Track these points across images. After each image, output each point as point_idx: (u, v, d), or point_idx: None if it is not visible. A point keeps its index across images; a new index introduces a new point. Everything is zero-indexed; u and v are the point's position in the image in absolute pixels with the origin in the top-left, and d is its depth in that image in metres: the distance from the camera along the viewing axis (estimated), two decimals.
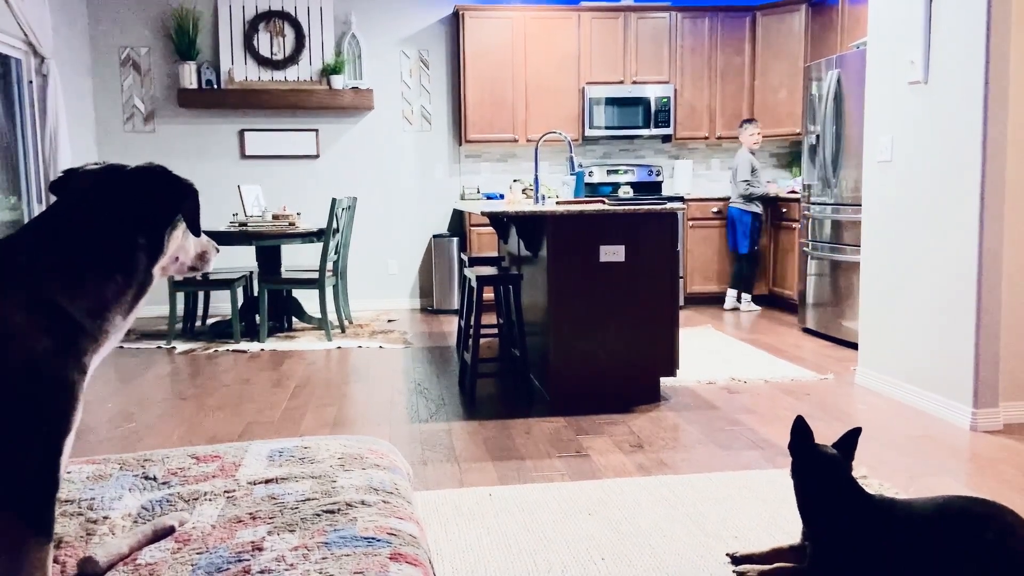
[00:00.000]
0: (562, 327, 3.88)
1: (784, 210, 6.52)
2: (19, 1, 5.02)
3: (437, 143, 7.07)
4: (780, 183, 7.22)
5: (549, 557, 2.28)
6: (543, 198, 4.85)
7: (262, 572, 1.20)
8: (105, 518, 1.44)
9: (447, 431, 3.56)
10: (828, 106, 5.36)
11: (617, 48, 6.88)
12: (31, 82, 5.52)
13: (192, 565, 1.25)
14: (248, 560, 1.25)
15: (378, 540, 1.32)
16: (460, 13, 6.70)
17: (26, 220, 5.63)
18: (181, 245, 1.32)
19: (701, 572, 2.17)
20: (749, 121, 6.48)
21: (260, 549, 1.29)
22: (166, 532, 1.38)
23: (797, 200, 6.23)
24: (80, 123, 6.32)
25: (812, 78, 5.61)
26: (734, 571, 2.15)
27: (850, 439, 2.03)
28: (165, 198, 1.27)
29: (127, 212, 1.22)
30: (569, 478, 2.94)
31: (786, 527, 2.42)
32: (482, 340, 4.60)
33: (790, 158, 7.41)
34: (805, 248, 5.70)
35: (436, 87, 7.02)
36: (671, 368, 4.02)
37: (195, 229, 1.31)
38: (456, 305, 6.74)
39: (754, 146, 6.48)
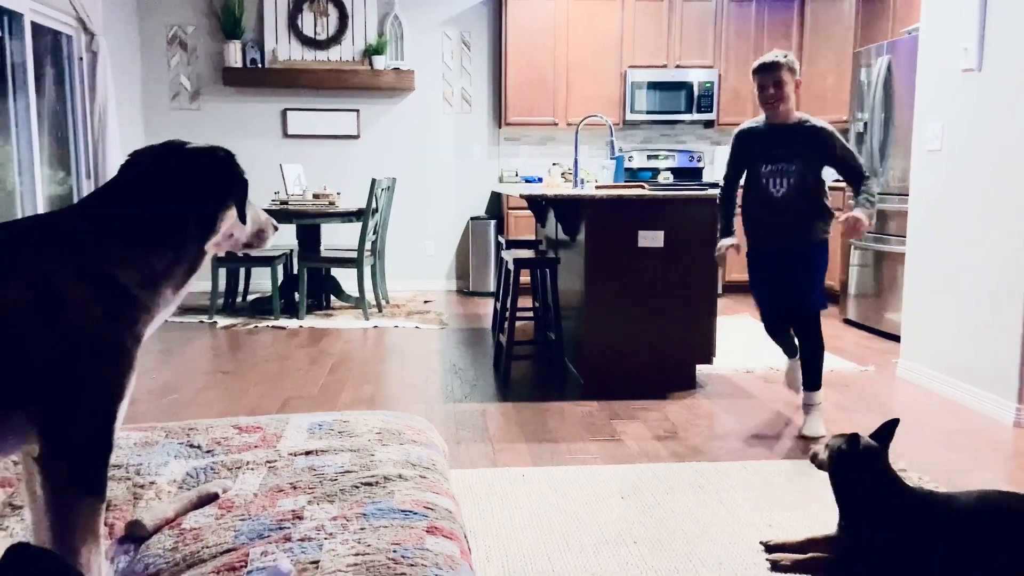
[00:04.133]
0: (598, 311, 3.87)
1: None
2: None
3: (477, 125, 7.07)
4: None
5: (581, 538, 2.29)
6: (582, 182, 4.83)
7: (302, 540, 1.23)
8: (152, 483, 1.48)
9: (481, 412, 3.58)
10: (877, 93, 5.24)
11: (661, 32, 6.80)
12: (81, 58, 5.63)
13: (235, 531, 1.29)
14: (289, 528, 1.28)
15: (415, 513, 1.34)
16: None
17: (74, 195, 5.76)
18: (236, 223, 1.34)
19: (733, 559, 2.17)
20: None
21: (300, 518, 1.32)
22: (210, 498, 1.42)
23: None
24: (128, 100, 6.44)
25: (861, 64, 5.49)
26: (767, 559, 2.14)
27: (887, 430, 2.00)
28: (218, 182, 1.29)
29: (181, 190, 1.24)
30: (602, 461, 2.95)
31: (821, 516, 2.40)
32: (517, 323, 4.61)
33: None
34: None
35: (477, 69, 7.01)
36: (707, 355, 4.00)
37: (242, 217, 1.33)
38: (492, 288, 6.76)
39: None
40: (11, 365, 1.03)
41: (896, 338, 4.76)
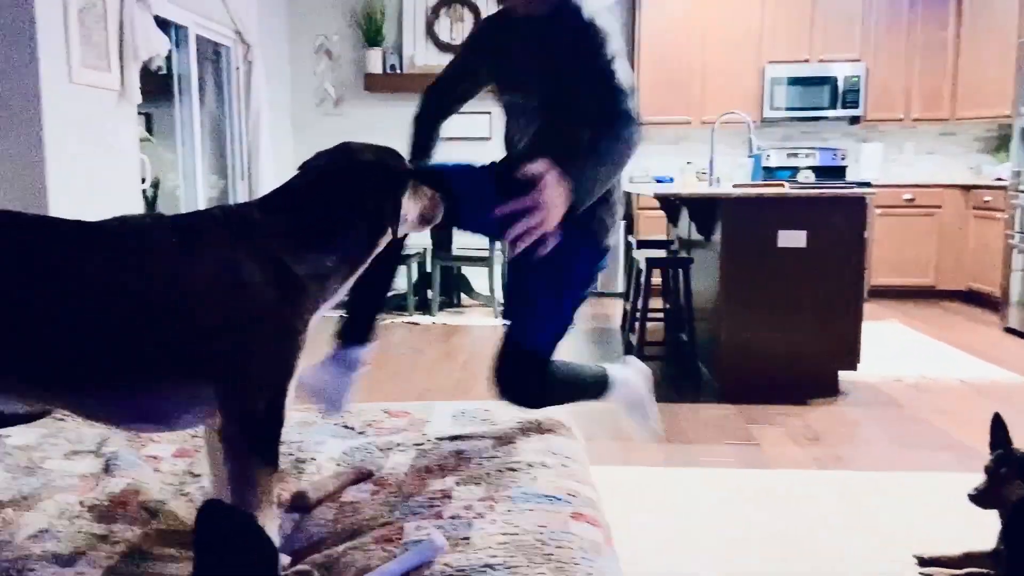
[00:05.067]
0: (735, 313, 3.78)
1: (987, 199, 5.97)
2: None
3: None
4: (984, 170, 6.62)
5: (715, 541, 2.25)
6: (718, 181, 4.72)
7: (453, 517, 1.28)
8: (312, 459, 1.58)
9: (611, 410, 3.56)
10: None
11: (802, 25, 6.54)
12: (238, 68, 6.03)
13: (390, 506, 1.35)
14: (439, 506, 1.33)
15: (559, 499, 1.36)
16: None
17: (230, 196, 6.17)
18: (408, 208, 1.41)
19: (881, 572, 2.06)
20: None
21: (449, 497, 1.37)
22: (366, 476, 1.49)
23: (1003, 188, 5.68)
24: (278, 106, 6.83)
25: None
26: (920, 572, 2.03)
27: None
28: (385, 191, 1.34)
29: (350, 197, 1.31)
30: (738, 465, 2.88)
31: (978, 532, 2.25)
32: (648, 324, 4.56)
33: (997, 142, 6.76)
34: (1012, 240, 5.20)
35: None
36: (852, 361, 3.81)
37: (397, 217, 1.38)
38: (620, 288, 6.71)
39: None
40: (200, 340, 1.13)
41: None
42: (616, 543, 2.19)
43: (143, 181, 4.51)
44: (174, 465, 1.59)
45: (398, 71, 7.01)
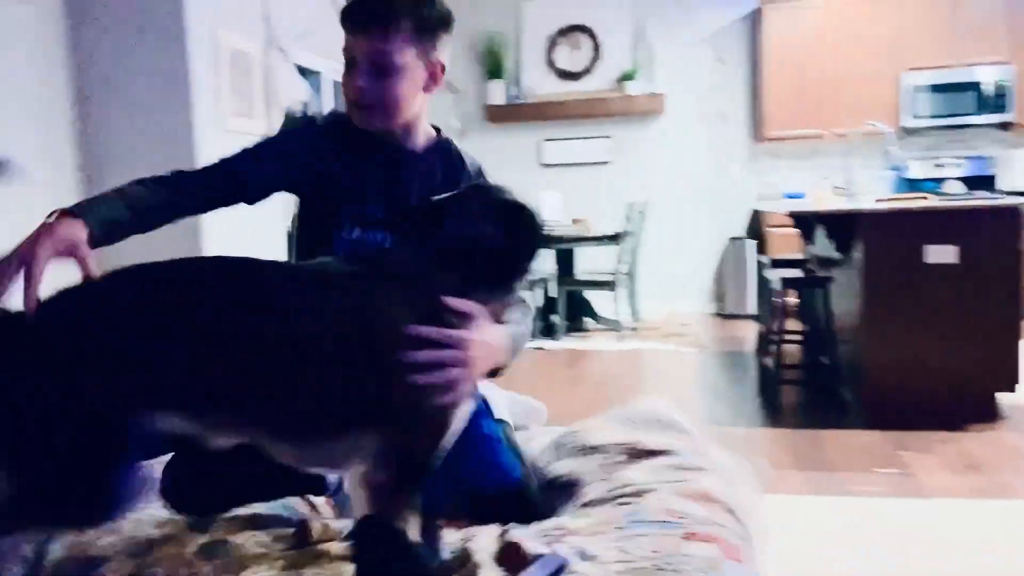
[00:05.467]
0: (880, 333, 3.58)
1: None
2: None
3: (733, 142, 6.90)
4: None
5: (867, 572, 2.12)
6: (856, 195, 4.52)
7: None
8: None
9: (746, 437, 3.45)
10: None
11: (942, 28, 6.19)
12: None
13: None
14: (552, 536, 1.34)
15: (670, 522, 1.35)
16: (763, 8, 6.47)
17: None
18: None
19: None
20: None
21: (561, 528, 1.39)
22: None
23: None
24: None
25: None
26: None
27: None
28: (529, 243, 1.33)
29: (498, 244, 1.29)
30: (890, 494, 2.71)
31: None
32: (784, 346, 4.38)
33: None
34: None
35: (732, 86, 6.85)
36: (1011, 383, 3.52)
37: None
38: (751, 310, 6.51)
39: None
40: (385, 386, 1.14)
41: None
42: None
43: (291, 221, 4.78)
44: None
45: (518, 100, 7.14)
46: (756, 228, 6.78)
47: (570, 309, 6.28)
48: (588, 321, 6.44)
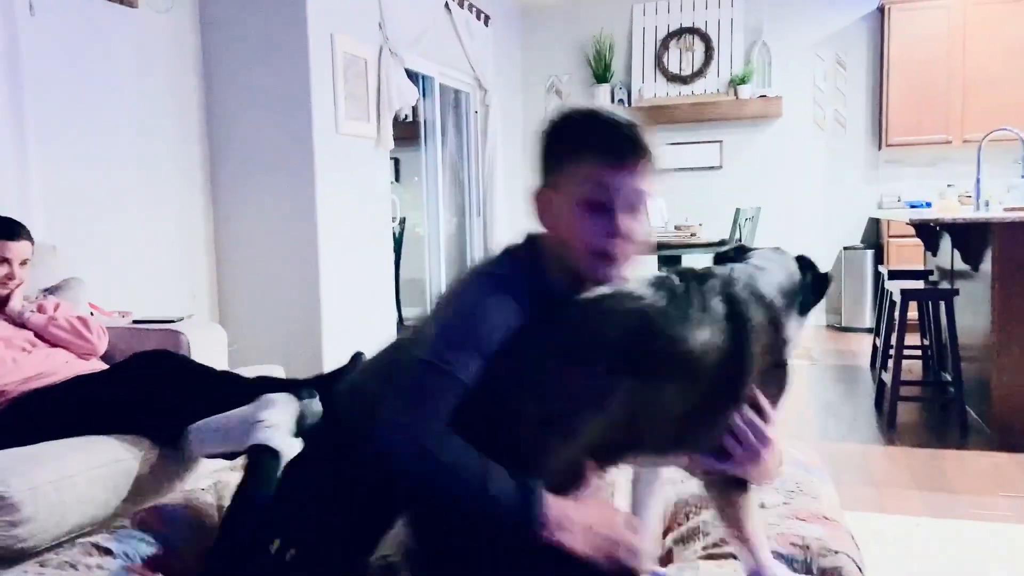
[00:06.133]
0: (1010, 350, 3.34)
1: None
2: (469, 42, 5.86)
3: (852, 149, 6.60)
4: None
5: None
6: (986, 204, 4.24)
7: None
8: None
9: (862, 453, 3.29)
10: None
11: None
12: (476, 112, 6.41)
13: None
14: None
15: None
16: (886, 8, 6.18)
17: (466, 234, 6.51)
18: None
19: None
20: None
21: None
22: None
23: None
24: (512, 147, 7.15)
25: None
26: None
27: None
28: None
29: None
30: (1017, 520, 2.52)
31: None
32: (903, 361, 4.15)
33: None
34: None
35: (853, 89, 6.56)
36: None
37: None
38: (868, 323, 6.21)
39: None
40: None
41: None
42: None
43: (393, 220, 4.91)
44: None
45: (626, 105, 7.07)
46: (874, 238, 6.47)
47: None
48: None
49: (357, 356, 1.92)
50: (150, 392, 2.08)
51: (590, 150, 1.18)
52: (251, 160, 3.73)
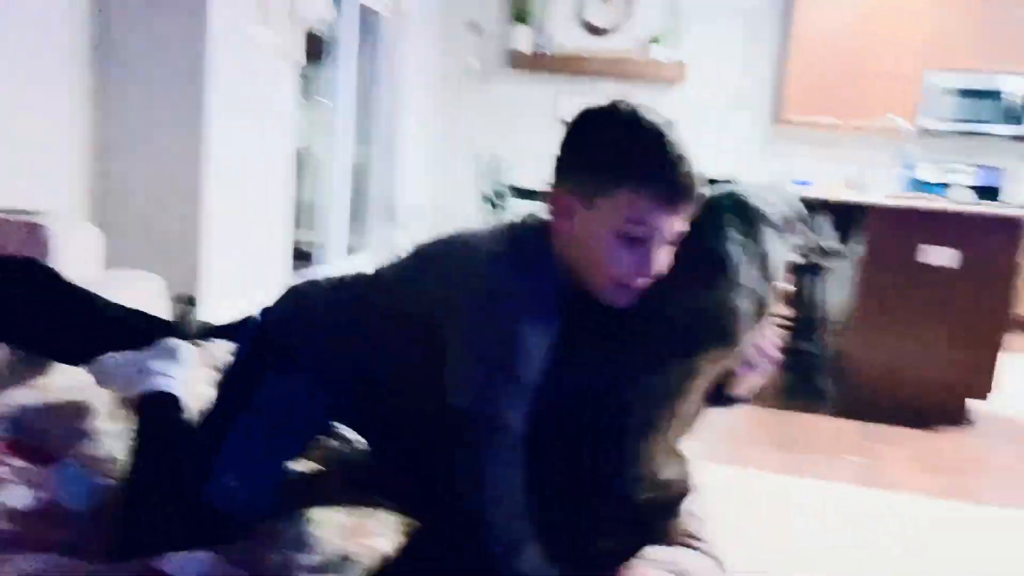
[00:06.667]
0: (866, 327, 3.64)
1: None
2: None
3: (750, 122, 6.85)
4: None
5: (820, 555, 2.20)
6: (865, 188, 4.54)
7: None
8: None
9: (724, 412, 3.52)
10: None
11: (969, 33, 6.12)
12: (388, 39, 6.23)
13: None
14: None
15: None
16: None
17: (372, 165, 6.37)
18: None
19: None
20: None
21: None
22: None
23: None
24: (424, 80, 7.01)
25: None
26: None
27: None
28: None
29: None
30: (856, 483, 2.79)
31: None
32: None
33: None
34: None
35: (758, 64, 6.78)
36: (982, 391, 3.60)
37: None
38: None
39: None
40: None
41: None
42: (717, 544, 2.19)
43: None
44: None
45: (543, 51, 7.04)
46: None
47: None
48: None
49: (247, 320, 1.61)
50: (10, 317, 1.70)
51: (645, 185, 1.15)
52: (142, 57, 3.49)
